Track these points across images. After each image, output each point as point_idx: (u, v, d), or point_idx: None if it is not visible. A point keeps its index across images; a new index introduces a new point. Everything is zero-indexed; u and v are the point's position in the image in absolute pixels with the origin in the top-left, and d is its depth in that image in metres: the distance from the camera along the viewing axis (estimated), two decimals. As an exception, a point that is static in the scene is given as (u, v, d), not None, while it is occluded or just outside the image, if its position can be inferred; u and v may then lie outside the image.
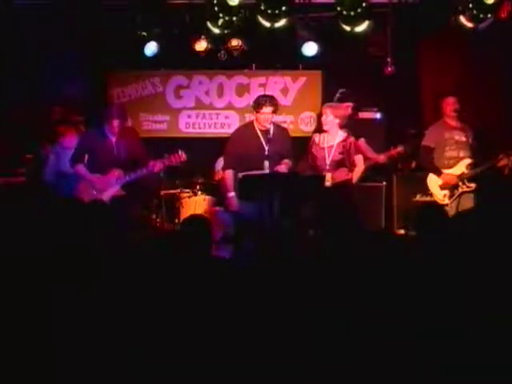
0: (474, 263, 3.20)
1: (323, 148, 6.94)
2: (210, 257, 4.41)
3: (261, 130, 6.71)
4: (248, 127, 6.87)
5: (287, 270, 3.74)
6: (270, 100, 6.77)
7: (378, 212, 8.03)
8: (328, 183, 6.79)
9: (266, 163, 6.60)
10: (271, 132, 6.70)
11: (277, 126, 6.87)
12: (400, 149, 7.65)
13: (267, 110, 6.65)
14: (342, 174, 6.84)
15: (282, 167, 6.64)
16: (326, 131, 6.96)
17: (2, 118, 8.04)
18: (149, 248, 4.29)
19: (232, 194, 6.68)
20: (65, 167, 6.98)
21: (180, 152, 6.76)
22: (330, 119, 6.91)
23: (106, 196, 6.51)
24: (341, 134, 6.95)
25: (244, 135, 6.77)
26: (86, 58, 8.07)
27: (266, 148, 6.66)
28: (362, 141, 7.64)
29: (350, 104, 7.68)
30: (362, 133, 7.64)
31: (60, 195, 7.18)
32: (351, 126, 7.28)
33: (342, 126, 6.97)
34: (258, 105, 6.70)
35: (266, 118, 6.68)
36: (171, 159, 6.70)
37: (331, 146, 6.93)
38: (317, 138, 6.99)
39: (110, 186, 6.54)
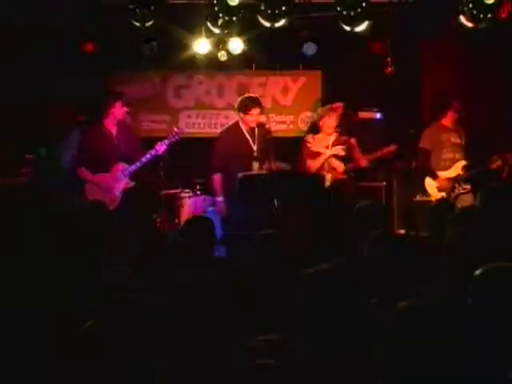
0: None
1: (318, 152, 6.96)
2: (212, 257, 4.44)
3: (247, 131, 6.72)
4: (234, 129, 6.85)
5: (286, 270, 3.74)
6: (257, 101, 6.81)
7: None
8: (328, 183, 6.81)
9: (255, 164, 6.62)
10: (256, 131, 6.72)
11: (259, 124, 6.88)
12: (392, 148, 7.49)
13: (256, 111, 6.68)
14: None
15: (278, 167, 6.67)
16: (327, 134, 6.98)
17: (1, 119, 8.04)
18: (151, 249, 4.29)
19: (221, 198, 6.69)
20: (68, 168, 6.98)
21: (176, 129, 6.82)
22: (333, 123, 6.94)
23: (116, 191, 6.51)
24: (334, 135, 7.00)
25: (231, 137, 6.76)
26: (86, 58, 8.06)
27: (255, 148, 6.68)
28: (353, 141, 7.57)
29: (341, 104, 7.64)
30: (362, 133, 7.64)
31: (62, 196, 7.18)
32: (351, 126, 7.30)
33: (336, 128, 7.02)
34: (246, 106, 6.70)
35: (255, 119, 6.70)
36: (171, 138, 6.73)
37: (326, 147, 6.96)
38: (310, 139, 7.02)
39: (116, 181, 6.54)
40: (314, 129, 7.23)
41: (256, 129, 6.75)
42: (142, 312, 2.75)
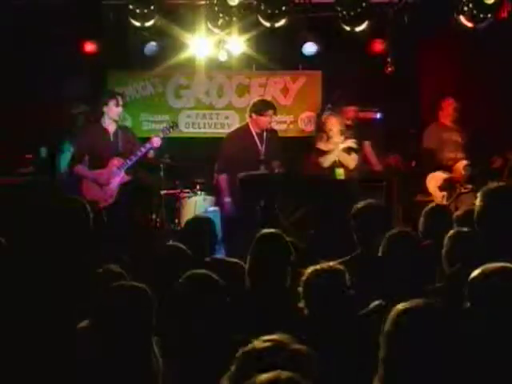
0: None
1: (327, 151, 6.99)
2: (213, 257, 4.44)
3: (257, 134, 6.72)
4: (243, 130, 6.84)
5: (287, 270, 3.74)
6: (271, 103, 6.85)
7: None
8: (342, 177, 6.90)
9: (262, 167, 6.62)
10: (264, 134, 6.73)
11: (268, 128, 6.89)
12: (397, 158, 7.55)
13: (270, 112, 6.70)
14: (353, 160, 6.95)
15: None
16: (329, 136, 7.01)
17: (1, 119, 8.04)
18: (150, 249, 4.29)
19: (228, 199, 6.67)
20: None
21: (170, 123, 6.81)
22: (336, 128, 6.97)
23: (113, 186, 6.52)
24: (343, 137, 7.02)
25: (240, 138, 6.76)
26: (86, 58, 8.06)
27: (262, 152, 6.68)
28: (367, 144, 7.64)
29: (354, 108, 7.69)
30: (362, 133, 7.65)
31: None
32: (354, 127, 7.36)
33: (342, 131, 7.05)
34: (261, 108, 6.71)
35: (269, 121, 6.72)
36: (165, 130, 6.75)
37: (336, 146, 6.99)
38: (320, 141, 7.06)
39: (113, 176, 6.55)
40: (321, 133, 7.25)
41: (265, 132, 6.76)
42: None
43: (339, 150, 6.96)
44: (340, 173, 6.93)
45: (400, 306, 2.34)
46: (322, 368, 1.98)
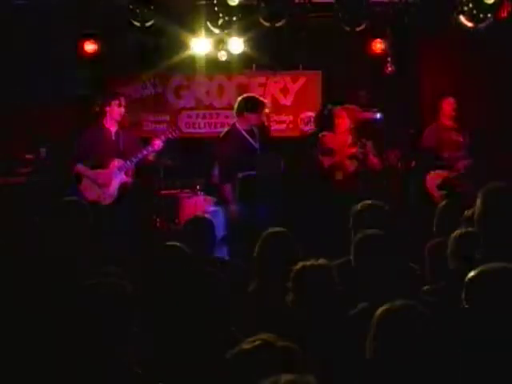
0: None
1: (333, 149, 6.99)
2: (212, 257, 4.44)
3: (246, 131, 6.70)
4: (232, 133, 6.78)
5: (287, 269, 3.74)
6: (263, 101, 6.85)
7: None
8: (339, 177, 6.88)
9: (259, 161, 6.61)
10: (253, 128, 6.72)
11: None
12: (396, 153, 7.54)
13: (264, 110, 6.71)
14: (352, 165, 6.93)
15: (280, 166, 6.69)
16: (341, 133, 7.00)
17: (2, 118, 8.04)
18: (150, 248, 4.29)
19: (235, 206, 6.65)
20: None
21: (173, 126, 6.86)
22: (345, 124, 6.95)
23: (113, 187, 6.53)
24: (350, 136, 7.02)
25: (232, 142, 6.72)
26: (86, 58, 8.06)
27: (257, 146, 6.67)
28: (369, 144, 7.63)
29: (354, 107, 7.68)
30: (362, 133, 7.65)
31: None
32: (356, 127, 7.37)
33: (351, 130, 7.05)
34: (257, 106, 6.70)
35: (262, 118, 6.73)
36: (167, 134, 6.75)
37: (343, 145, 6.98)
38: (325, 135, 7.05)
39: (113, 177, 6.55)
40: (328, 126, 7.23)
41: (253, 127, 6.74)
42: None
43: (343, 155, 6.94)
44: (338, 175, 6.91)
45: (381, 309, 2.37)
46: (309, 366, 1.98)
